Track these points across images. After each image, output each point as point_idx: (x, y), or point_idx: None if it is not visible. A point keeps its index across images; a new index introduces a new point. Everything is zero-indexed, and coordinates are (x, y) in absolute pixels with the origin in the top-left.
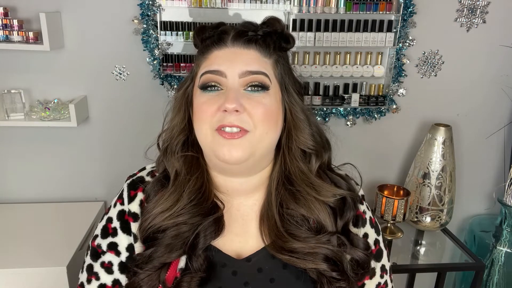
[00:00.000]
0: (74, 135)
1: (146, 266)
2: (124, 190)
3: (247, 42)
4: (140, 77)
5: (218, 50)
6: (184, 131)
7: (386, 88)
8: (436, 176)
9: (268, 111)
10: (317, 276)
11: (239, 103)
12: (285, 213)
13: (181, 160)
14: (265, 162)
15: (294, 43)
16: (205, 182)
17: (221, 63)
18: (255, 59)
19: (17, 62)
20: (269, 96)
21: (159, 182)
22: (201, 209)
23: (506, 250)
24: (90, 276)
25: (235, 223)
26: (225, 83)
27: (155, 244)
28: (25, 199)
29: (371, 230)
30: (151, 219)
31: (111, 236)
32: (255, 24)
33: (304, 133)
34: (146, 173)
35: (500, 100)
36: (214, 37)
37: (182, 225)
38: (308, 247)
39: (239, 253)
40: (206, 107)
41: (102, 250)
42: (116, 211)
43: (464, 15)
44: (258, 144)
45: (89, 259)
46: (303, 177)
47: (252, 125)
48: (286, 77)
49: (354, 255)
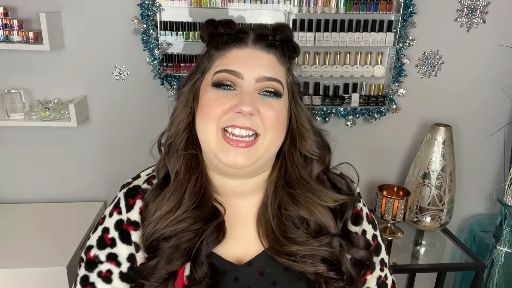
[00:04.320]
0: (74, 135)
1: (152, 277)
2: (121, 199)
3: (268, 46)
4: (140, 77)
5: (238, 50)
6: (188, 127)
7: (386, 88)
8: (436, 176)
9: (279, 116)
10: (314, 277)
11: (254, 107)
12: (283, 215)
13: (181, 159)
14: (266, 166)
15: (299, 52)
16: (204, 183)
17: (240, 64)
18: (272, 65)
19: (17, 62)
20: (280, 102)
21: (158, 187)
22: (202, 214)
23: (506, 250)
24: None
25: (234, 226)
26: (240, 84)
27: (158, 255)
28: (25, 199)
29: (369, 226)
30: (154, 225)
31: (110, 247)
32: (269, 28)
33: (309, 140)
34: (142, 181)
35: (500, 100)
36: (234, 35)
37: (184, 232)
38: (306, 250)
39: (239, 258)
40: (216, 105)
41: (100, 260)
42: (113, 221)
43: (464, 15)
44: (265, 151)
45: (83, 271)
46: (304, 183)
47: (262, 129)
48: (295, 86)
49: (356, 255)
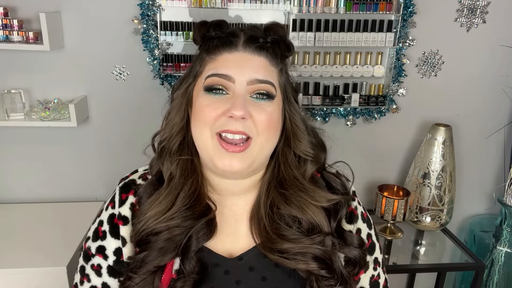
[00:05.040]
0: (74, 135)
1: (140, 270)
2: (116, 194)
3: (258, 49)
4: (140, 77)
5: (228, 53)
6: (182, 131)
7: (386, 88)
8: (436, 176)
9: (272, 119)
10: (306, 274)
11: (246, 111)
12: (275, 214)
13: (176, 163)
14: (261, 167)
15: (294, 50)
16: (200, 185)
17: (231, 67)
18: (263, 67)
19: (17, 62)
20: (273, 104)
21: (151, 185)
22: (194, 212)
23: (506, 250)
24: (82, 278)
25: (227, 223)
26: (232, 88)
27: (148, 248)
28: (25, 199)
29: (363, 225)
30: (144, 222)
31: (101, 239)
32: (261, 29)
33: (303, 141)
34: (138, 176)
35: (500, 100)
36: (224, 38)
37: (175, 228)
38: (297, 247)
39: (230, 252)
40: (209, 111)
41: (92, 253)
42: (107, 214)
43: (464, 15)
44: (259, 153)
45: (81, 261)
46: (297, 183)
47: (255, 132)
48: (288, 86)
49: (349, 254)
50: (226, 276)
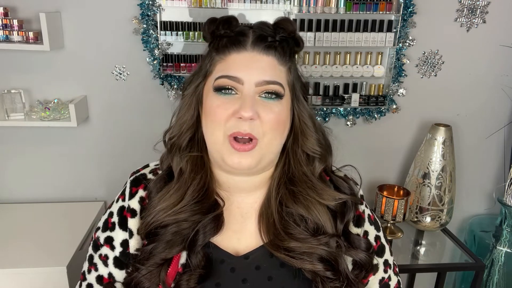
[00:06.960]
0: (74, 135)
1: (147, 262)
2: (127, 187)
3: (266, 48)
4: (140, 77)
5: (236, 53)
6: (192, 127)
7: (386, 88)
8: (436, 176)
9: (279, 119)
10: (311, 275)
11: (254, 111)
12: (284, 212)
13: (186, 159)
14: (270, 165)
15: (303, 46)
16: (208, 181)
17: (239, 69)
18: (272, 67)
19: (17, 62)
20: (281, 104)
21: (162, 179)
22: (202, 207)
23: (506, 250)
24: (90, 267)
25: (235, 220)
26: (241, 89)
27: (156, 240)
28: (25, 199)
29: (371, 227)
30: (154, 215)
31: (109, 230)
32: (270, 26)
33: (311, 138)
34: (149, 171)
35: (500, 100)
36: (232, 38)
37: (183, 222)
38: (304, 247)
39: (237, 250)
40: (220, 111)
41: (101, 243)
42: (118, 206)
43: (464, 15)
44: (266, 151)
45: (91, 250)
46: (306, 180)
47: (261, 132)
48: (297, 83)
49: (356, 257)
50: (232, 274)
